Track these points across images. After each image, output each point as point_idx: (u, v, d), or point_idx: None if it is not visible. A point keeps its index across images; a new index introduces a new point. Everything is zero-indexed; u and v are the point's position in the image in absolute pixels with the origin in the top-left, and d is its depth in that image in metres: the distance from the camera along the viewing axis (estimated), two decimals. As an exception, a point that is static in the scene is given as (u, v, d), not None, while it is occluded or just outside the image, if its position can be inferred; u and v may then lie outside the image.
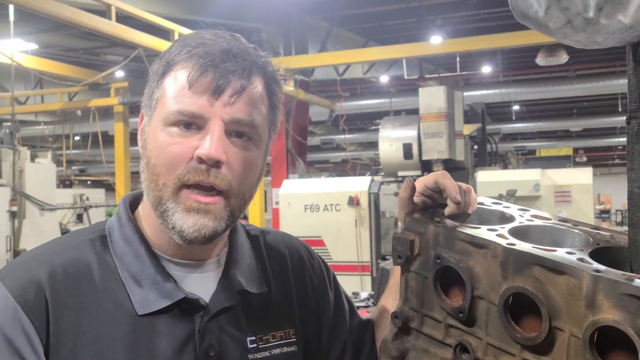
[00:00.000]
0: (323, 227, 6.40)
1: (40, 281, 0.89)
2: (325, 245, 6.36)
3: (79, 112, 11.47)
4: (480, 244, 0.88)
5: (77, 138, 14.25)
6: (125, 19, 6.65)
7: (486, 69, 12.67)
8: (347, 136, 14.31)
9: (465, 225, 0.95)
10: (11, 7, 6.69)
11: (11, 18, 6.96)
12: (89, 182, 23.42)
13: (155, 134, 0.93)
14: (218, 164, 0.90)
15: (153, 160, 0.92)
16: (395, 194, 6.34)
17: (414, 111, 7.34)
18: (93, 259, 0.95)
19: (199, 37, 0.94)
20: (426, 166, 6.48)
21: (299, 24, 9.65)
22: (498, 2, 8.95)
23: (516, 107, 16.50)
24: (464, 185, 1.03)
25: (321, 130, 15.03)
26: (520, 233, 0.92)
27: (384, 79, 12.49)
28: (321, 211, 6.44)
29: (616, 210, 20.57)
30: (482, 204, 1.09)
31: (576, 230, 0.95)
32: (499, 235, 0.89)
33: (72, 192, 12.48)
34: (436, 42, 8.80)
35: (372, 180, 6.52)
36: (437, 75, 11.91)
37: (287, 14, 9.41)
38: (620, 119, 15.40)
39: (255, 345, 1.00)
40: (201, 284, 0.98)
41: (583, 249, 0.85)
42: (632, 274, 0.75)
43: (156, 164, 0.92)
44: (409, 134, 6.56)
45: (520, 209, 1.06)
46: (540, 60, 10.28)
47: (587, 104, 17.66)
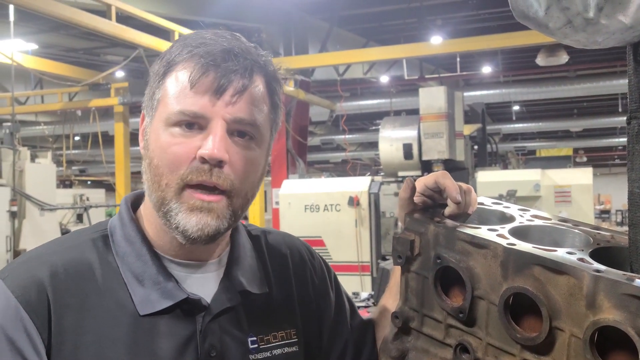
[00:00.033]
0: (323, 227, 6.39)
1: (42, 281, 0.89)
2: (326, 245, 6.36)
3: (79, 112, 11.47)
4: (481, 244, 0.88)
5: (77, 138, 14.26)
6: (125, 19, 6.65)
7: (486, 69, 12.67)
8: (347, 136, 14.30)
9: (465, 225, 0.95)
10: (11, 7, 6.69)
11: (11, 18, 6.95)
12: (89, 182, 23.41)
13: (157, 135, 0.93)
14: (221, 163, 0.90)
15: (155, 160, 0.92)
16: (395, 194, 6.33)
17: (414, 111, 7.35)
18: (95, 258, 0.95)
19: (199, 37, 0.94)
20: (426, 166, 6.48)
21: (299, 24, 9.65)
22: (498, 3, 8.95)
23: (516, 108, 16.50)
24: (464, 185, 1.03)
25: (321, 131, 15.02)
26: (520, 233, 0.92)
27: (384, 79, 12.49)
28: (321, 211, 6.44)
29: (616, 211, 20.57)
30: (483, 204, 1.09)
31: (576, 231, 0.95)
32: (499, 235, 0.89)
33: (72, 192, 12.48)
34: (436, 42, 8.80)
35: (372, 181, 6.52)
36: (437, 76, 11.91)
37: (287, 14, 9.41)
38: (621, 119, 15.39)
39: (256, 346, 1.00)
40: (203, 284, 0.98)
41: (583, 249, 0.85)
42: (632, 274, 0.75)
43: (158, 164, 0.91)
44: (409, 134, 6.57)
45: (520, 209, 1.06)
46: (540, 61, 10.28)
47: (587, 104, 17.66)
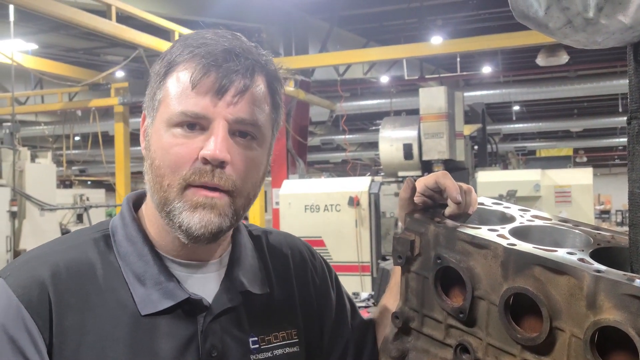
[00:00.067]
0: (323, 228, 6.39)
1: (43, 280, 0.89)
2: (326, 245, 6.36)
3: (79, 113, 11.47)
4: (481, 244, 0.88)
5: (77, 138, 14.26)
6: (125, 19, 6.65)
7: (486, 69, 12.67)
8: (347, 136, 14.30)
9: (465, 225, 0.95)
10: (11, 7, 6.69)
11: (11, 18, 6.96)
12: (89, 183, 23.41)
13: (158, 135, 0.92)
14: (223, 164, 0.90)
15: (157, 161, 0.92)
16: (395, 194, 6.34)
17: (415, 111, 7.34)
18: (96, 258, 0.95)
19: (200, 37, 0.94)
20: (426, 166, 6.47)
21: (299, 24, 9.65)
22: (498, 3, 8.95)
23: (516, 108, 16.50)
24: (464, 185, 1.03)
25: (321, 131, 15.02)
26: (520, 233, 0.92)
27: (385, 79, 12.49)
28: (321, 211, 6.43)
29: (616, 211, 20.57)
30: (483, 204, 1.09)
31: (577, 231, 0.95)
32: (499, 236, 0.89)
33: (72, 193, 12.49)
34: (436, 42, 8.81)
35: (372, 181, 6.51)
36: (437, 76, 11.91)
37: (287, 14, 9.41)
38: (621, 119, 15.39)
39: (257, 346, 1.00)
40: (204, 284, 0.98)
41: (584, 249, 0.85)
42: (633, 274, 0.75)
43: (160, 165, 0.91)
44: (409, 134, 6.56)
45: (520, 209, 1.06)
46: (540, 61, 10.28)
47: (587, 105, 17.66)
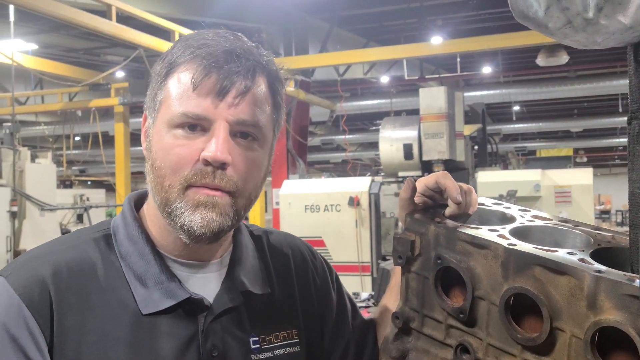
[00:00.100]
0: (323, 228, 6.39)
1: (44, 279, 0.89)
2: (326, 245, 6.36)
3: (79, 113, 11.47)
4: (481, 245, 0.88)
5: (77, 138, 14.26)
6: (125, 19, 6.65)
7: (486, 69, 12.67)
8: (347, 137, 14.30)
9: (466, 225, 0.95)
10: (11, 8, 6.69)
11: (11, 18, 6.95)
12: (89, 183, 23.42)
13: (159, 136, 0.92)
14: (224, 165, 0.90)
15: (158, 162, 0.92)
16: (395, 194, 6.33)
17: (415, 112, 7.35)
18: (97, 257, 0.95)
19: (201, 38, 0.94)
20: (427, 167, 6.47)
21: (299, 24, 9.65)
22: (498, 3, 8.95)
23: (516, 108, 16.49)
24: (464, 185, 1.03)
25: (321, 131, 15.02)
26: (521, 233, 0.92)
27: (385, 79, 12.49)
28: (321, 211, 6.43)
29: (616, 211, 20.58)
30: (483, 204, 1.09)
31: (577, 231, 0.95)
32: (499, 236, 0.89)
33: (73, 193, 12.49)
34: (437, 42, 8.81)
35: (372, 181, 6.51)
36: (437, 76, 11.90)
37: (287, 14, 9.41)
38: (621, 119, 15.39)
39: (258, 346, 1.00)
40: (205, 284, 0.98)
41: (584, 249, 0.85)
42: (633, 274, 0.75)
43: (161, 166, 0.92)
44: (409, 134, 6.56)
45: (520, 210, 1.06)
46: (540, 61, 10.28)
47: (587, 105, 17.66)
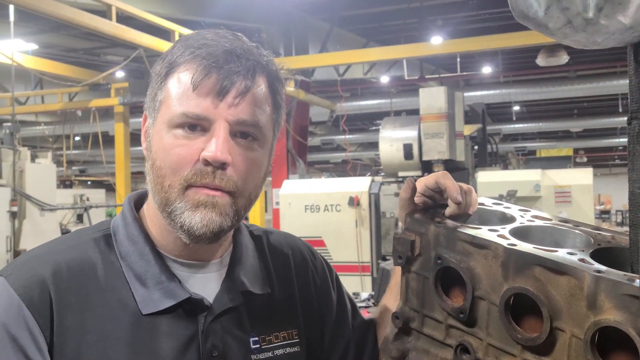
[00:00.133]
0: (323, 228, 6.39)
1: (44, 279, 0.89)
2: (326, 245, 6.36)
3: (79, 113, 11.47)
4: (481, 245, 0.88)
5: (77, 138, 14.26)
6: (125, 19, 6.65)
7: (486, 69, 12.67)
8: (347, 137, 14.30)
9: (466, 225, 0.95)
10: (11, 8, 6.69)
11: (11, 18, 6.95)
12: (89, 183, 23.41)
13: (160, 136, 0.93)
14: (224, 165, 0.90)
15: (158, 162, 0.92)
16: (395, 194, 6.33)
17: (415, 112, 7.35)
18: (97, 257, 0.95)
19: (201, 38, 0.94)
20: (427, 167, 6.47)
21: (299, 24, 9.65)
22: (498, 3, 8.95)
23: (516, 108, 16.49)
24: (464, 185, 1.03)
25: (321, 131, 15.02)
26: (521, 233, 0.92)
27: (385, 79, 12.49)
28: (321, 211, 6.43)
29: (616, 211, 20.58)
30: (483, 204, 1.09)
31: (577, 231, 0.95)
32: (499, 236, 0.89)
33: (73, 193, 12.49)
34: (437, 42, 8.81)
35: (372, 181, 6.51)
36: (437, 76, 11.90)
37: (287, 14, 9.41)
38: (621, 119, 15.39)
39: (258, 346, 1.00)
40: (205, 284, 0.98)
41: (584, 249, 0.85)
42: (633, 274, 0.75)
43: (161, 166, 0.92)
44: (409, 134, 6.56)
45: (520, 210, 1.06)
46: (540, 61, 10.28)
47: (587, 105, 17.66)
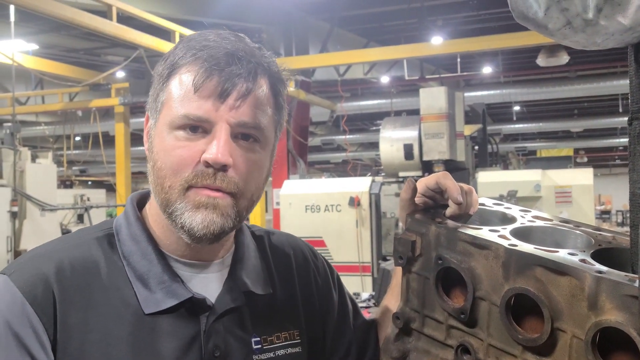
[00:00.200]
0: (324, 228, 6.39)
1: (48, 277, 0.90)
2: (326, 245, 6.35)
3: (79, 113, 11.48)
4: (482, 245, 0.88)
5: (77, 138, 14.28)
6: (126, 19, 6.65)
7: (487, 69, 12.67)
8: (347, 137, 14.31)
9: (466, 226, 0.95)
10: (12, 8, 6.69)
11: (12, 18, 6.95)
12: (89, 183, 23.42)
13: (161, 137, 0.93)
14: (225, 167, 0.90)
15: (159, 163, 0.92)
16: (396, 194, 6.33)
17: (415, 112, 7.34)
18: (100, 256, 0.95)
19: (203, 39, 0.94)
20: (427, 167, 6.47)
21: (299, 24, 9.65)
22: (499, 3, 8.95)
23: (517, 108, 16.49)
24: (465, 186, 1.03)
25: (322, 131, 15.03)
26: (521, 234, 0.92)
27: (385, 79, 12.49)
28: (322, 212, 6.43)
29: (617, 211, 20.58)
30: (484, 204, 1.09)
31: (578, 232, 0.95)
32: (500, 236, 0.89)
33: (73, 193, 12.47)
34: (437, 42, 8.81)
35: (372, 181, 6.51)
36: (437, 76, 11.90)
37: (287, 14, 9.41)
38: (621, 119, 15.39)
39: (260, 346, 1.00)
40: (207, 284, 0.99)
41: (585, 250, 0.85)
42: (634, 275, 0.75)
43: (162, 167, 0.92)
44: (409, 134, 6.56)
45: (521, 210, 1.06)
46: (540, 61, 10.28)
47: (587, 105, 17.66)
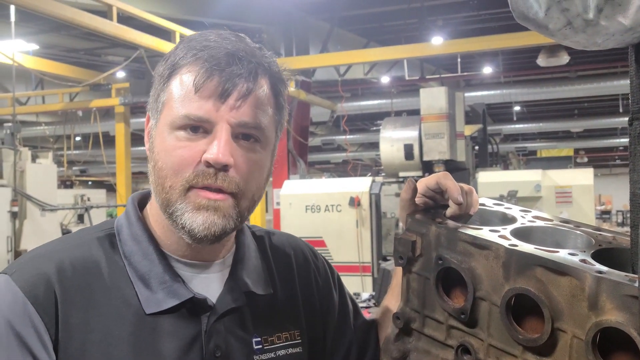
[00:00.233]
0: (324, 228, 6.39)
1: (49, 277, 0.90)
2: (327, 245, 6.35)
3: (79, 113, 11.47)
4: (482, 245, 0.88)
5: (78, 138, 14.28)
6: (126, 19, 6.65)
7: (487, 69, 12.67)
8: (348, 137, 14.30)
9: (467, 226, 0.95)
10: (12, 8, 6.69)
11: (12, 18, 6.96)
12: (89, 183, 23.42)
13: (162, 137, 0.93)
14: (226, 167, 0.90)
15: (160, 163, 0.93)
16: (396, 194, 6.33)
17: (415, 112, 7.34)
18: (101, 256, 0.95)
19: (203, 39, 0.94)
20: (427, 167, 6.47)
21: (300, 24, 9.65)
22: (499, 3, 8.95)
23: (517, 108, 16.49)
24: (465, 186, 1.03)
25: (322, 131, 15.03)
26: (522, 234, 0.92)
27: (385, 79, 12.48)
28: (322, 212, 6.43)
29: (617, 211, 20.58)
30: (484, 205, 1.09)
31: (578, 232, 0.95)
32: (501, 237, 0.89)
33: (73, 193, 12.46)
34: (437, 42, 8.81)
35: (373, 181, 6.51)
36: (438, 76, 11.89)
37: (288, 14, 9.41)
38: (621, 119, 15.39)
39: (260, 347, 1.00)
40: (208, 284, 0.99)
41: (585, 250, 0.85)
42: (634, 275, 0.75)
43: (163, 167, 0.92)
44: (410, 134, 6.56)
45: (521, 210, 1.06)
46: (541, 61, 10.28)
47: (588, 105, 17.66)
